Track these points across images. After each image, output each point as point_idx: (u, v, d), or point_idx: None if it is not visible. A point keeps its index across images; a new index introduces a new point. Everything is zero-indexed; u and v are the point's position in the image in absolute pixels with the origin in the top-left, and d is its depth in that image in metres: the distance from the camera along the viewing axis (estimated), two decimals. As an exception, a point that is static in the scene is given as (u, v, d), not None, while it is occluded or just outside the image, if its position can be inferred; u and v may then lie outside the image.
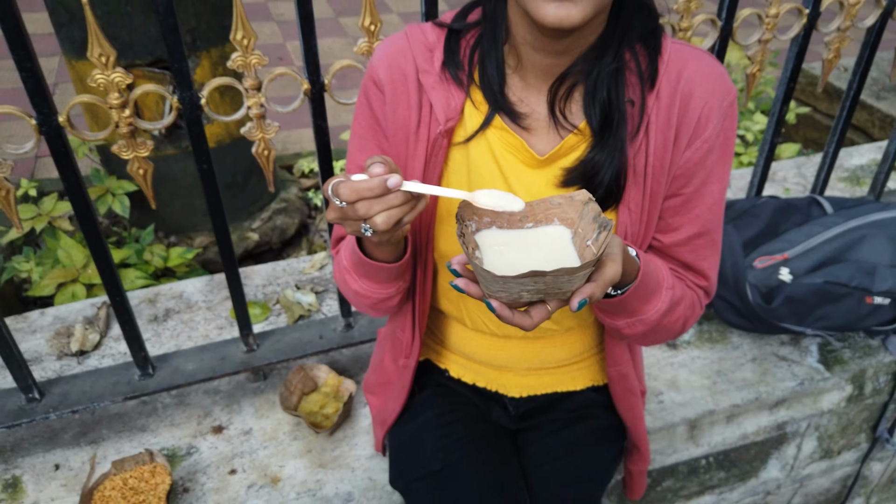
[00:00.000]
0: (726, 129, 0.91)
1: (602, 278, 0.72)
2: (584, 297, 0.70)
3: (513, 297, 0.70)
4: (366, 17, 1.14)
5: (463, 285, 0.74)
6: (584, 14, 0.74)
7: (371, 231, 0.76)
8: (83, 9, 0.94)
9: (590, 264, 0.67)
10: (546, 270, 0.65)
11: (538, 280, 0.66)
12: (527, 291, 0.69)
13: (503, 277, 0.66)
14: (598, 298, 0.73)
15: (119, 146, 1.10)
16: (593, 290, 0.71)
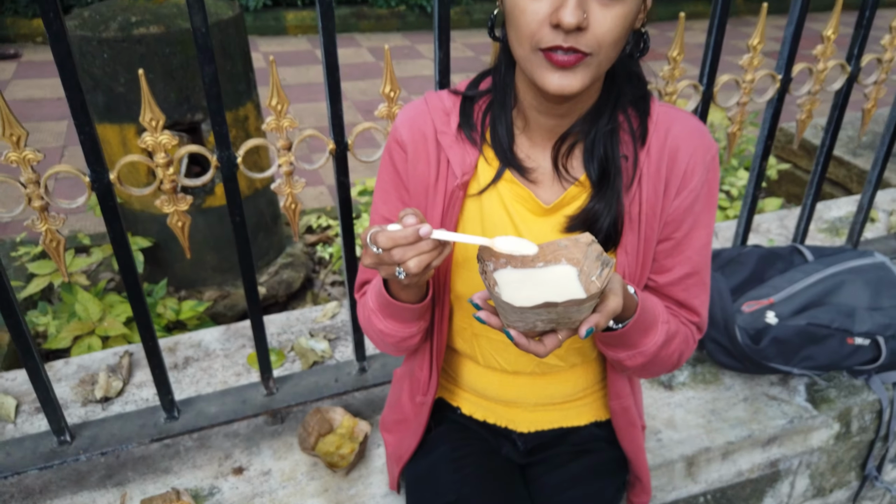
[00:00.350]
0: (710, 180, 1.03)
1: (606, 309, 0.83)
2: (591, 326, 0.81)
3: (529, 326, 0.80)
4: (386, 85, 1.27)
5: (485, 317, 0.84)
6: (583, 83, 0.86)
7: (404, 274, 0.86)
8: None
9: (595, 296, 0.77)
10: (558, 301, 0.75)
11: (551, 310, 0.76)
12: (541, 321, 0.79)
13: (521, 308, 0.76)
14: (603, 327, 0.83)
15: (161, 201, 1.21)
16: (598, 320, 0.81)
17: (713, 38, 1.45)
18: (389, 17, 6.91)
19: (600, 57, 0.86)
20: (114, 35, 2.18)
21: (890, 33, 1.66)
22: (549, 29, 0.82)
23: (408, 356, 1.29)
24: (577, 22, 0.79)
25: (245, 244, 1.31)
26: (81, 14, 2.28)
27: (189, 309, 2.39)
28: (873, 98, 1.72)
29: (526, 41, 0.85)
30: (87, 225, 3.42)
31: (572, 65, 0.84)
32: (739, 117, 1.59)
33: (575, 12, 0.79)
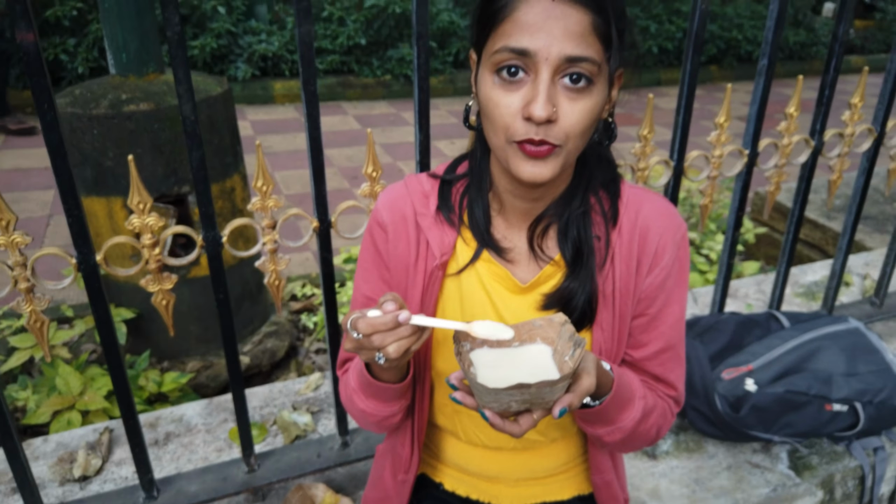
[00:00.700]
0: (680, 257, 1.06)
1: (579, 389, 0.85)
2: (563, 406, 0.83)
3: (503, 406, 0.82)
4: (368, 165, 1.31)
5: (460, 397, 0.86)
6: (553, 171, 0.91)
7: (384, 359, 0.88)
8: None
9: (567, 377, 0.79)
10: (531, 383, 0.77)
11: (524, 391, 0.78)
12: (515, 402, 0.81)
13: (495, 389, 0.78)
14: (577, 407, 0.85)
15: (147, 280, 1.23)
16: (572, 400, 0.83)
17: (681, 118, 1.52)
18: (375, 86, 7.10)
19: (569, 147, 0.90)
20: (104, 112, 2.23)
21: (850, 109, 1.75)
22: (521, 122, 0.87)
23: (390, 433, 1.29)
24: (547, 115, 0.84)
25: (228, 320, 1.33)
26: (73, 92, 2.34)
27: (171, 381, 2.37)
28: (838, 170, 1.80)
29: (501, 133, 0.90)
30: (70, 295, 3.40)
31: (543, 155, 0.89)
32: (710, 190, 1.65)
33: (545, 106, 0.84)
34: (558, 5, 0.83)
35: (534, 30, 0.83)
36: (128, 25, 2.28)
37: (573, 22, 0.83)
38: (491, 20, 0.87)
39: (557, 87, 0.86)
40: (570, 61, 0.84)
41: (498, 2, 0.86)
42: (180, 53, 1.06)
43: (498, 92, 0.87)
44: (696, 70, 1.48)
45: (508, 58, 0.85)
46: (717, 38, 8.10)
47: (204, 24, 6.55)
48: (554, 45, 0.83)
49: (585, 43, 0.84)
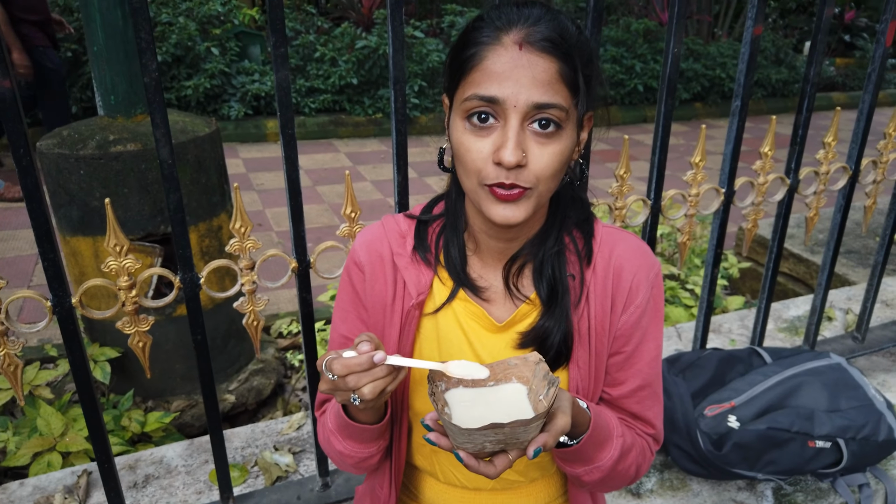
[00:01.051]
0: (654, 296, 1.08)
1: (554, 428, 0.85)
2: (538, 446, 0.82)
3: (478, 447, 0.81)
4: (347, 206, 1.33)
5: (434, 438, 0.86)
6: (526, 213, 0.92)
7: (359, 400, 0.88)
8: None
9: (541, 416, 0.79)
10: (504, 422, 0.77)
11: (498, 431, 0.78)
12: (489, 442, 0.80)
13: (468, 430, 0.78)
14: (552, 446, 0.85)
15: (123, 322, 1.23)
16: (546, 440, 0.83)
17: (657, 158, 1.55)
18: (367, 125, 7.18)
19: (540, 189, 0.92)
20: (91, 152, 2.25)
21: (824, 149, 1.78)
22: (492, 166, 0.89)
23: (369, 474, 1.28)
24: (516, 161, 0.86)
25: (206, 362, 1.32)
26: (61, 133, 2.36)
27: (155, 421, 2.34)
28: (814, 207, 1.83)
29: (473, 176, 0.91)
30: (55, 335, 3.38)
31: (515, 199, 0.90)
32: (688, 228, 1.67)
33: (514, 152, 0.86)
34: (525, 54, 0.85)
35: (502, 78, 0.85)
36: (116, 68, 2.31)
37: (540, 70, 0.86)
38: (461, 68, 0.90)
39: (527, 132, 0.88)
40: (539, 108, 0.86)
41: (467, 50, 0.89)
42: (157, 98, 1.08)
43: (469, 137, 0.89)
44: (669, 112, 1.51)
45: (478, 105, 0.87)
46: (701, 77, 8.25)
47: (198, 65, 6.65)
48: (522, 92, 0.85)
49: (553, 90, 0.86)
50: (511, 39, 0.86)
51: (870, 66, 1.73)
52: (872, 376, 2.10)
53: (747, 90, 1.56)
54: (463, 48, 0.90)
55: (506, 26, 0.87)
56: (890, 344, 2.18)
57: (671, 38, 1.44)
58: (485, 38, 0.88)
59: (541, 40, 0.86)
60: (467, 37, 0.90)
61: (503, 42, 0.86)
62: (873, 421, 1.67)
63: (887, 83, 9.60)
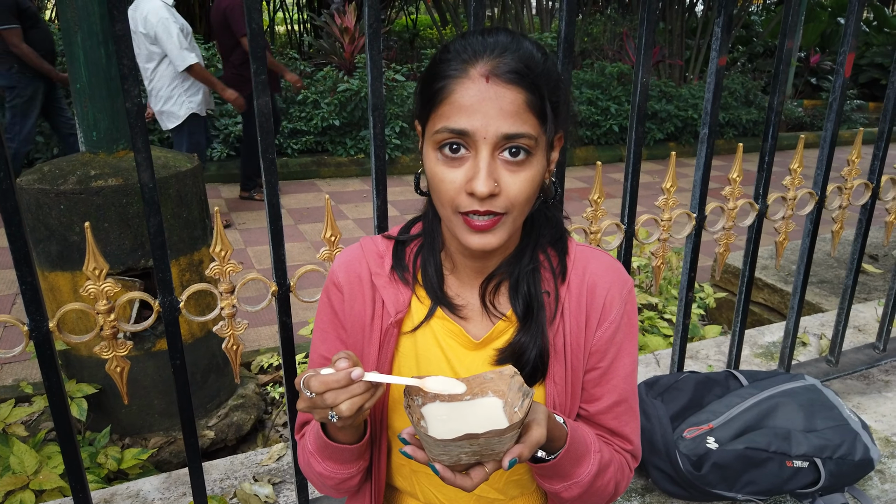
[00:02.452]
0: (628, 311, 1.10)
1: (530, 440, 0.86)
2: (513, 457, 0.83)
3: (453, 459, 0.82)
4: (327, 230, 1.35)
5: (410, 451, 0.86)
6: (501, 239, 0.95)
7: (337, 417, 0.89)
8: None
9: (516, 426, 0.81)
10: (479, 433, 0.78)
11: (473, 442, 0.79)
12: (465, 454, 0.81)
13: (443, 441, 0.79)
14: (527, 457, 0.85)
15: (101, 347, 1.23)
16: (522, 450, 0.84)
17: (629, 183, 1.60)
18: (349, 165, 7.25)
19: (515, 214, 0.94)
20: (71, 187, 2.26)
21: (790, 175, 1.84)
22: (465, 196, 0.91)
23: (350, 498, 1.27)
24: (488, 191, 0.88)
25: (184, 386, 1.32)
26: (41, 168, 2.38)
27: (132, 457, 2.30)
28: (783, 232, 1.88)
29: (447, 205, 0.93)
30: (32, 373, 3.33)
31: (490, 228, 0.93)
32: (662, 252, 1.71)
33: (486, 182, 0.88)
34: (492, 87, 0.87)
35: (471, 111, 0.87)
36: (99, 105, 2.34)
37: (507, 102, 0.87)
38: (431, 101, 0.92)
39: (497, 161, 0.90)
40: (508, 138, 0.88)
41: (436, 84, 0.91)
42: (139, 123, 1.10)
43: (442, 168, 0.91)
44: (640, 138, 1.56)
45: (449, 137, 0.89)
46: (675, 117, 8.47)
47: (180, 107, 6.69)
48: (491, 124, 0.87)
49: (521, 120, 0.88)
50: (478, 72, 0.88)
51: (830, 95, 1.81)
52: (847, 398, 2.13)
53: (714, 118, 1.63)
54: (432, 81, 0.92)
55: (472, 58, 0.89)
56: (863, 367, 2.22)
57: (639, 67, 1.50)
58: (452, 72, 0.89)
59: (507, 72, 0.87)
60: (435, 69, 0.92)
61: (470, 75, 0.88)
62: (849, 440, 1.69)
63: (853, 122, 9.90)
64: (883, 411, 2.07)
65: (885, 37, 12.55)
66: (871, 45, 12.60)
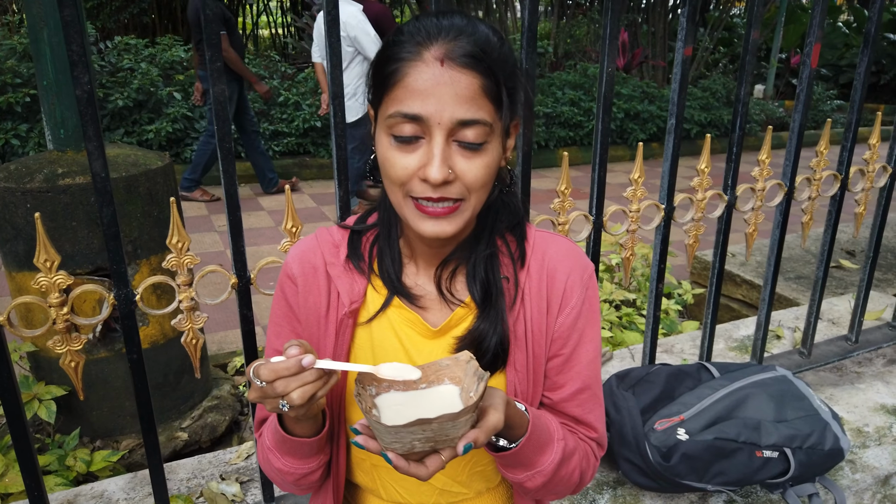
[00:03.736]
0: (589, 297, 1.09)
1: (486, 425, 0.84)
2: (468, 442, 0.81)
3: (406, 447, 0.79)
4: (288, 221, 1.33)
5: (362, 441, 0.84)
6: (457, 227, 0.92)
7: (288, 406, 0.85)
8: (28, 225, 1.10)
9: (469, 410, 0.78)
10: (431, 417, 0.76)
11: (426, 428, 0.76)
12: (418, 440, 0.79)
13: (394, 427, 0.76)
14: (483, 442, 0.83)
15: (54, 341, 1.20)
16: (477, 435, 0.82)
17: (597, 174, 1.59)
18: (331, 166, 7.21)
19: (472, 201, 0.92)
20: (38, 186, 2.23)
21: (759, 166, 1.85)
22: (418, 181, 0.88)
23: (313, 495, 1.25)
24: (443, 178, 0.86)
25: (143, 382, 1.30)
26: (8, 167, 2.34)
27: (101, 459, 2.26)
28: (753, 223, 1.88)
29: (398, 189, 0.91)
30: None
31: (446, 214, 0.91)
32: (631, 243, 1.70)
33: (441, 169, 0.86)
34: (447, 71, 0.84)
35: (425, 95, 0.85)
36: (66, 102, 2.31)
37: (463, 87, 0.85)
38: (383, 84, 0.89)
39: (452, 147, 0.88)
40: (463, 124, 0.86)
41: (389, 66, 0.88)
42: (90, 111, 1.08)
43: (394, 153, 0.89)
44: (607, 129, 1.56)
45: (402, 122, 0.86)
46: (657, 118, 8.51)
47: (160, 110, 6.65)
48: (445, 109, 0.85)
49: (476, 105, 0.86)
50: (432, 55, 0.85)
51: (798, 86, 1.81)
52: (820, 390, 2.13)
53: (681, 108, 1.62)
54: (385, 63, 0.89)
55: (426, 41, 0.86)
56: (835, 358, 2.23)
57: (605, 58, 1.49)
58: (406, 54, 0.86)
59: (462, 56, 0.85)
60: (388, 51, 0.89)
61: (424, 58, 0.85)
62: (819, 430, 1.69)
63: (834, 123, 10.00)
64: (855, 402, 2.07)
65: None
66: (850, 46, 12.75)
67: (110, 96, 6.33)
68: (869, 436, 1.95)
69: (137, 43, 7.13)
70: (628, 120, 8.47)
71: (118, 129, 6.48)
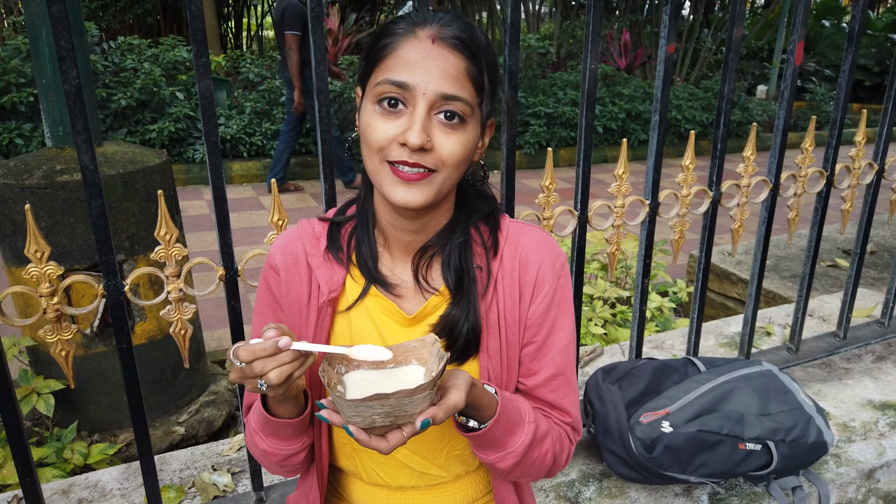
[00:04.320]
0: (561, 286, 1.11)
1: (446, 403, 0.87)
2: (426, 418, 0.85)
3: (367, 421, 0.83)
4: (274, 214, 1.36)
5: (326, 414, 0.88)
6: (426, 198, 0.96)
7: (266, 386, 0.90)
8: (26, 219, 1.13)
9: (425, 387, 0.81)
10: (388, 392, 0.79)
11: (384, 403, 0.80)
12: (377, 415, 0.82)
13: (353, 401, 0.80)
14: (441, 420, 0.87)
15: (45, 330, 1.23)
16: (435, 412, 0.86)
17: (581, 170, 1.61)
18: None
19: (443, 175, 0.96)
20: (37, 182, 2.27)
21: (744, 162, 1.87)
22: (397, 146, 0.93)
23: (300, 480, 1.28)
24: (420, 143, 0.91)
25: (132, 371, 1.32)
26: (7, 164, 2.37)
27: (98, 452, 2.30)
28: (739, 219, 1.90)
29: (375, 155, 0.96)
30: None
31: (416, 180, 0.95)
32: (616, 238, 1.73)
33: (420, 135, 0.91)
34: (437, 48, 0.92)
35: (414, 66, 0.92)
36: (64, 100, 2.34)
37: (450, 64, 0.92)
38: (376, 56, 0.96)
39: (433, 120, 0.93)
40: (446, 98, 0.92)
41: (384, 39, 0.96)
42: (78, 105, 1.11)
43: (377, 119, 0.94)
44: (590, 124, 1.58)
45: (389, 90, 0.93)
46: (660, 117, 8.52)
47: (163, 109, 6.70)
48: (431, 81, 0.91)
49: (459, 84, 0.93)
50: (425, 34, 0.93)
51: (782, 83, 1.83)
52: (808, 386, 2.15)
53: (664, 105, 1.65)
54: (379, 39, 0.97)
55: (421, 22, 0.95)
56: (823, 354, 2.24)
57: (587, 55, 1.52)
58: (400, 30, 0.95)
59: (452, 38, 0.93)
60: (384, 29, 0.97)
61: (417, 35, 0.93)
62: (802, 423, 1.71)
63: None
64: (842, 398, 2.09)
65: (868, 39, 12.68)
66: (854, 46, 12.69)
67: (113, 96, 6.39)
68: (855, 430, 1.96)
69: (140, 43, 7.18)
70: (630, 120, 8.49)
71: (121, 128, 6.54)
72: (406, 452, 1.14)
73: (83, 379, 2.53)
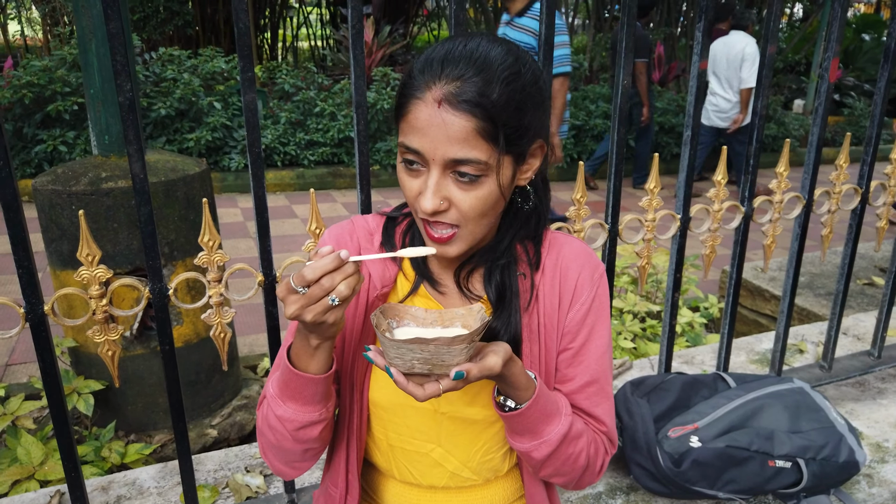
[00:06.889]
0: (599, 294, 1.14)
1: (482, 363, 0.90)
2: (461, 370, 0.87)
3: (407, 364, 0.86)
4: (312, 223, 1.41)
5: (372, 355, 0.91)
6: (460, 250, 1.00)
7: (338, 300, 0.87)
8: (72, 226, 1.19)
9: (463, 339, 0.84)
10: (428, 338, 0.82)
11: (424, 349, 0.83)
12: (417, 360, 0.85)
13: (396, 342, 0.83)
14: (475, 377, 0.89)
15: (93, 331, 1.29)
16: (470, 367, 0.88)
17: (612, 184, 1.63)
18: (364, 175, 7.35)
19: (469, 228, 0.99)
20: (83, 188, 2.35)
21: (777, 178, 1.86)
22: None
23: (324, 473, 1.30)
24: (433, 209, 0.93)
25: (173, 371, 1.37)
26: (56, 171, 2.47)
27: (135, 452, 2.37)
28: (771, 235, 1.90)
29: (411, 207, 1.00)
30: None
31: (445, 241, 0.99)
32: (647, 252, 1.74)
33: (431, 201, 0.93)
34: (442, 113, 0.90)
35: (421, 133, 0.91)
36: (111, 110, 2.43)
37: (455, 129, 0.90)
38: (397, 113, 0.97)
39: (448, 178, 0.94)
40: (456, 162, 0.92)
41: (400, 99, 0.96)
42: (132, 117, 1.17)
43: (405, 175, 0.98)
44: (622, 139, 1.60)
45: (406, 153, 0.95)
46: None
47: (200, 119, 6.86)
48: (438, 148, 0.91)
49: (469, 146, 0.91)
50: (433, 96, 0.90)
51: (817, 100, 1.83)
52: (841, 405, 2.12)
53: (696, 120, 1.66)
54: (399, 95, 0.96)
55: (431, 80, 0.91)
56: (856, 373, 2.21)
57: (619, 70, 1.54)
58: (412, 91, 0.93)
59: (461, 102, 0.89)
60: (404, 83, 0.96)
61: (425, 98, 0.91)
62: (834, 442, 1.70)
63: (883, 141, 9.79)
64: (876, 417, 2.06)
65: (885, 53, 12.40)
66: (894, 61, 12.44)
67: (153, 105, 6.56)
68: (889, 451, 1.93)
69: (181, 54, 7.37)
70: (663, 133, 8.43)
71: (160, 136, 6.71)
72: (441, 451, 1.17)
73: (121, 380, 2.60)
